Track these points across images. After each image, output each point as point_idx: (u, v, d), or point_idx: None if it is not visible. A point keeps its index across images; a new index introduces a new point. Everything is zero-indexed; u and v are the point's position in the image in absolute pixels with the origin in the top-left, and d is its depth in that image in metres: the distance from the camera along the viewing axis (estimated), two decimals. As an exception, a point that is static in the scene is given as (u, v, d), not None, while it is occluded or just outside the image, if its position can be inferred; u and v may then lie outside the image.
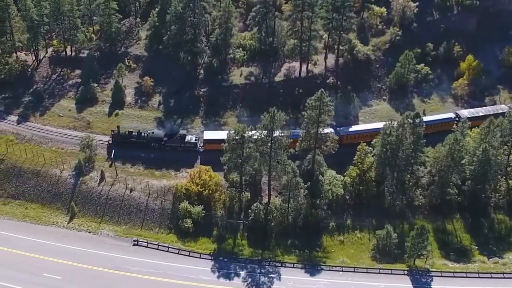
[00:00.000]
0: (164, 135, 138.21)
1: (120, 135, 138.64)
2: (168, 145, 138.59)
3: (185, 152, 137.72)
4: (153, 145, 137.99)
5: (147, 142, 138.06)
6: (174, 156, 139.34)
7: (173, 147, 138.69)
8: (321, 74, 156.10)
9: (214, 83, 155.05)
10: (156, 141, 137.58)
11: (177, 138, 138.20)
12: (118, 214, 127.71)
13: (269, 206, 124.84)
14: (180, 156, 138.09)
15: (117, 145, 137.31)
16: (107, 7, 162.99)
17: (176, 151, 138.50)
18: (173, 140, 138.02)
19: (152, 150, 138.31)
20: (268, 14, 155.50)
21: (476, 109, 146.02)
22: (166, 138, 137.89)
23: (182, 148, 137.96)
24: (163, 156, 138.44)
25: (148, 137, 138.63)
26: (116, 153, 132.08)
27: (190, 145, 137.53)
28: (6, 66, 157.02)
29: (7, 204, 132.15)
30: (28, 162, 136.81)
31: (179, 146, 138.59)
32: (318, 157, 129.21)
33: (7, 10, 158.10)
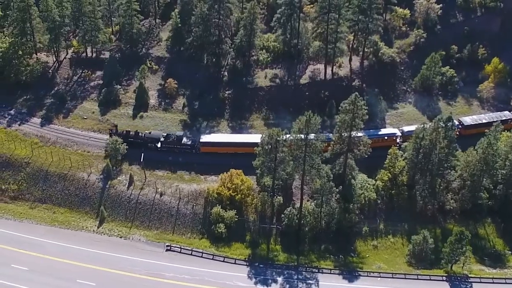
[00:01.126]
0: (161, 136, 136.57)
1: (118, 134, 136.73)
2: (165, 146, 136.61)
3: (182, 154, 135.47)
4: (150, 145, 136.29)
5: (144, 142, 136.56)
6: (170, 157, 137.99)
7: (170, 148, 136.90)
8: (346, 77, 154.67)
9: (239, 85, 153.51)
10: (153, 141, 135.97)
11: (173, 140, 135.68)
12: (148, 219, 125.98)
13: (302, 211, 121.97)
14: (176, 158, 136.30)
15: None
16: (129, 8, 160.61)
17: (173, 152, 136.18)
18: (169, 142, 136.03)
19: (149, 151, 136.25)
20: (293, 16, 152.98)
21: (479, 116, 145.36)
22: (163, 139, 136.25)
23: (179, 150, 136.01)
24: (191, 159, 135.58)
25: (145, 137, 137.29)
26: (145, 156, 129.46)
27: (187, 147, 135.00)
28: (28, 68, 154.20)
29: (34, 208, 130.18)
30: (54, 165, 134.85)
31: (176, 147, 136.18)
32: (349, 160, 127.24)
33: (29, 11, 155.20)
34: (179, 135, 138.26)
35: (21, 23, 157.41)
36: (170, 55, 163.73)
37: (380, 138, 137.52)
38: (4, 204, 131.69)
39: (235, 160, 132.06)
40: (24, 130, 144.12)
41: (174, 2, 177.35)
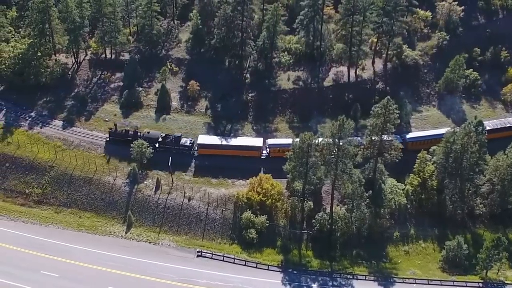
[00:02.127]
0: (159, 136, 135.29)
1: (117, 133, 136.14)
2: (163, 146, 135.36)
3: (179, 155, 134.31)
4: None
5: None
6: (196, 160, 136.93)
7: (167, 149, 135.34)
8: (370, 79, 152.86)
9: (262, 88, 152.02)
10: (150, 141, 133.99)
11: (171, 140, 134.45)
12: (177, 224, 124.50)
13: (333, 216, 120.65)
14: (174, 159, 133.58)
15: (113, 143, 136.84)
16: (149, 9, 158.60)
17: (170, 153, 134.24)
18: (167, 142, 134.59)
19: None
20: (316, 17, 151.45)
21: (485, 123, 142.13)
22: (161, 139, 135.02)
23: (176, 151, 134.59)
24: (220, 163, 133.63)
25: (143, 136, 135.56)
26: (173, 160, 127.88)
27: (184, 148, 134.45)
28: (48, 69, 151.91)
29: (59, 213, 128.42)
30: (78, 169, 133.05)
31: (173, 148, 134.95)
32: (379, 165, 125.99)
33: (48, 12, 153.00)
34: (177, 136, 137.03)
35: (40, 24, 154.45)
36: (190, 56, 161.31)
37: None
38: (28, 208, 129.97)
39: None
40: (46, 133, 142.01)
41: (191, 3, 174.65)
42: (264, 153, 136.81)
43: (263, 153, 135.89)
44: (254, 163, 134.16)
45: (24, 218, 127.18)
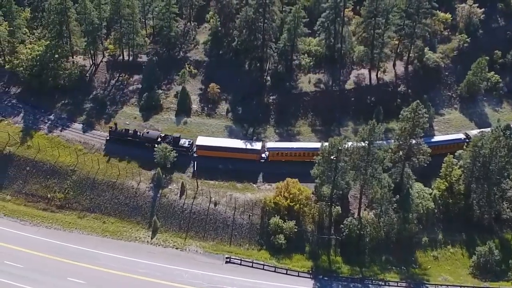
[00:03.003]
0: (158, 136, 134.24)
1: (117, 132, 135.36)
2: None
3: (179, 156, 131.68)
4: (147, 145, 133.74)
5: (141, 141, 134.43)
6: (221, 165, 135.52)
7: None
8: (391, 82, 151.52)
9: (283, 91, 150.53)
10: (149, 141, 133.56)
11: (170, 141, 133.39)
12: (204, 229, 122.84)
13: (362, 221, 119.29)
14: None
15: (113, 142, 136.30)
16: (168, 10, 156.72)
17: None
18: (166, 142, 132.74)
19: (146, 150, 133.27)
20: (337, 19, 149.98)
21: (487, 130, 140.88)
22: (160, 139, 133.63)
23: (175, 151, 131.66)
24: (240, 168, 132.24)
25: (142, 136, 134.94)
26: (198, 164, 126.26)
27: (183, 149, 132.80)
28: (66, 72, 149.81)
29: (82, 218, 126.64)
30: (101, 173, 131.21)
31: (172, 148, 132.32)
32: (406, 169, 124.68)
33: (66, 13, 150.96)
34: (176, 137, 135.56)
35: (57, 25, 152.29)
36: (208, 58, 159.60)
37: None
38: (51, 213, 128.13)
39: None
40: (66, 136, 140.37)
41: (207, 4, 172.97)
42: (263, 157, 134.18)
43: (262, 156, 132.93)
44: (253, 166, 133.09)
45: (47, 223, 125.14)
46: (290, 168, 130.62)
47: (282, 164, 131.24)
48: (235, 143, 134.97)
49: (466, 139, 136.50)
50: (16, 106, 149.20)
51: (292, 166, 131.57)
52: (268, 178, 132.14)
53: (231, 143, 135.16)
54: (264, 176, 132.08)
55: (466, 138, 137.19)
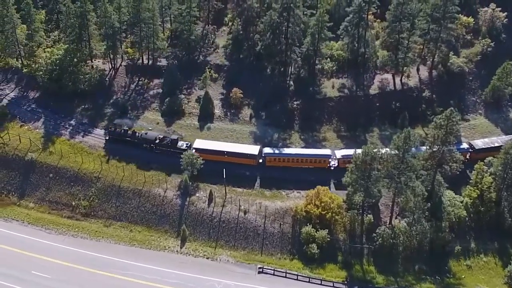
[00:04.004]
0: (155, 138, 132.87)
1: (116, 133, 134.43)
2: (159, 149, 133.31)
3: (176, 158, 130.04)
4: (145, 146, 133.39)
5: (139, 142, 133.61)
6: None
7: (164, 151, 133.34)
8: (416, 87, 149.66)
9: (307, 96, 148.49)
10: (147, 142, 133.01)
11: (167, 143, 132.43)
12: (234, 238, 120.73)
13: (395, 230, 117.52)
14: (171, 162, 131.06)
15: (112, 142, 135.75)
16: (189, 14, 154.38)
17: (166, 155, 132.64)
18: (163, 144, 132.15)
19: (143, 151, 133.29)
20: (361, 24, 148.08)
21: (491, 139, 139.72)
22: (158, 141, 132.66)
23: (172, 154, 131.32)
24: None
25: (140, 137, 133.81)
26: (226, 172, 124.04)
27: (180, 151, 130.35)
28: (86, 76, 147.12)
29: (109, 226, 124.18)
30: (126, 180, 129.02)
31: (169, 151, 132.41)
32: (438, 177, 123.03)
33: (86, 17, 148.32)
34: (174, 139, 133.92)
35: (77, 29, 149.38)
36: (229, 62, 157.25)
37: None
38: (76, 221, 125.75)
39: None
40: (89, 142, 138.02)
41: (225, 7, 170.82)
42: (261, 162, 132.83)
43: (259, 161, 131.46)
44: (251, 171, 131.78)
45: (73, 232, 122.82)
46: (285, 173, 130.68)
47: (280, 170, 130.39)
48: (233, 147, 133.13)
49: (470, 149, 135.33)
50: (35, 111, 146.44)
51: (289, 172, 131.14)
52: (265, 184, 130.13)
53: (229, 147, 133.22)
54: (261, 181, 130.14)
55: (470, 148, 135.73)
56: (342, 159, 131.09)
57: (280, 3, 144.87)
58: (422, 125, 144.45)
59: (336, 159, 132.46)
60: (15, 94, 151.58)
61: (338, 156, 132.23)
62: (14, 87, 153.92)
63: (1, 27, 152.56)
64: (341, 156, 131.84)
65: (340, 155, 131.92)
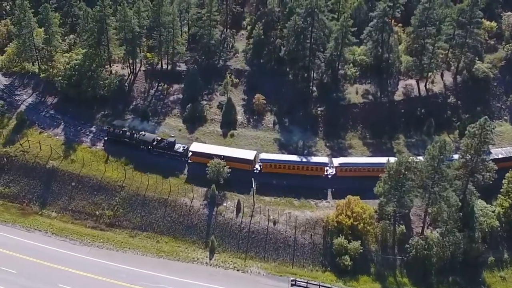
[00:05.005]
0: (153, 140, 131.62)
1: (114, 133, 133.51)
2: (156, 150, 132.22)
3: (172, 160, 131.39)
4: (142, 147, 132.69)
5: (136, 143, 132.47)
6: (274, 180, 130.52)
7: (161, 153, 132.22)
8: (441, 93, 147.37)
9: (330, 102, 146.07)
10: (145, 144, 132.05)
11: (165, 145, 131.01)
12: (264, 249, 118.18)
13: (428, 241, 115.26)
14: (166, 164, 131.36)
15: (111, 143, 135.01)
16: (209, 18, 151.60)
17: (163, 157, 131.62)
18: (160, 146, 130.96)
19: (141, 152, 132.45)
20: (385, 28, 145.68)
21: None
22: (155, 143, 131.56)
23: (169, 156, 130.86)
24: (299, 182, 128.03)
25: (138, 139, 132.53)
26: (256, 180, 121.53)
27: (177, 154, 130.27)
28: (106, 81, 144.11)
29: (134, 237, 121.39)
30: (151, 189, 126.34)
31: (166, 153, 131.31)
32: (470, 186, 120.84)
33: (105, 21, 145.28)
34: (171, 141, 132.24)
35: (96, 33, 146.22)
36: (250, 67, 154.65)
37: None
38: (100, 231, 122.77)
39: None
40: (111, 150, 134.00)
41: (243, 11, 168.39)
42: (257, 167, 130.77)
43: (255, 167, 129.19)
44: (247, 176, 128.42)
45: (98, 243, 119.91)
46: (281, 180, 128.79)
47: (276, 176, 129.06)
48: (229, 152, 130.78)
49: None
50: (54, 117, 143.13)
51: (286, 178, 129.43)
52: (261, 190, 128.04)
53: (225, 151, 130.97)
54: (257, 187, 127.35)
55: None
56: (340, 167, 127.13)
57: (304, 8, 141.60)
58: (447, 132, 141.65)
59: (334, 167, 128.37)
60: (32, 100, 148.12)
61: (335, 164, 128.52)
62: (32, 93, 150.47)
63: (18, 31, 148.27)
64: (339, 164, 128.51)
65: (337, 163, 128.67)
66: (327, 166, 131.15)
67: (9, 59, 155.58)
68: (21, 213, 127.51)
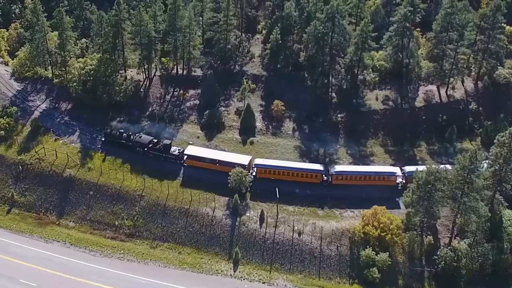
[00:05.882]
0: (149, 142, 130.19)
1: (111, 135, 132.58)
2: (152, 153, 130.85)
3: (167, 163, 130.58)
4: (138, 149, 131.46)
5: (133, 145, 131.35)
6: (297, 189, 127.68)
7: (156, 156, 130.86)
8: (462, 99, 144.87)
9: (350, 108, 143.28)
10: (140, 146, 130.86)
11: (160, 147, 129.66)
12: (289, 261, 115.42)
13: (457, 252, 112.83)
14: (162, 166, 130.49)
15: (108, 144, 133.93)
16: (226, 23, 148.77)
17: (159, 160, 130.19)
18: (156, 148, 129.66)
19: (138, 154, 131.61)
20: (406, 33, 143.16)
21: None
22: (151, 145, 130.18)
23: (164, 158, 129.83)
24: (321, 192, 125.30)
25: (134, 140, 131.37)
26: (278, 191, 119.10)
27: (172, 157, 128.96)
28: (122, 87, 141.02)
29: (155, 248, 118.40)
30: (171, 199, 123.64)
31: (162, 155, 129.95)
32: (498, 196, 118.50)
33: (121, 26, 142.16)
34: (167, 144, 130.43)
35: (111, 38, 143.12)
36: (267, 73, 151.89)
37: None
38: (120, 242, 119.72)
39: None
40: (129, 158, 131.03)
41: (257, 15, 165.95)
42: (252, 172, 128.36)
43: (250, 172, 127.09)
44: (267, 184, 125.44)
45: (119, 254, 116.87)
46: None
47: (271, 182, 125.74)
48: (223, 156, 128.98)
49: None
50: (69, 124, 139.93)
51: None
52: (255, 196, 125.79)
53: (219, 155, 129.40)
54: (251, 193, 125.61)
55: None
56: (336, 175, 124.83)
57: (324, 13, 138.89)
58: (469, 139, 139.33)
59: (330, 175, 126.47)
60: (46, 106, 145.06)
61: (331, 172, 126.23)
62: (45, 98, 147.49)
63: (31, 36, 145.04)
64: (335, 172, 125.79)
65: (334, 171, 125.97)
66: (323, 173, 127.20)
67: (21, 63, 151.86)
68: (37, 222, 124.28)
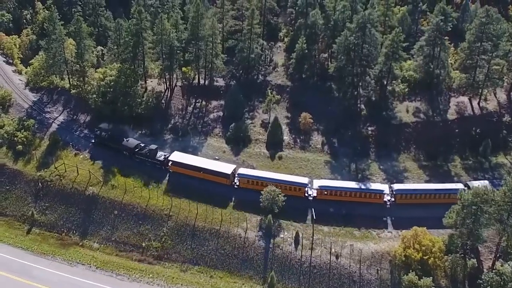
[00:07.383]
0: (135, 146, 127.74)
1: (101, 137, 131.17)
2: (138, 157, 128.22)
3: (153, 168, 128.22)
4: (125, 153, 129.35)
5: (120, 148, 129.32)
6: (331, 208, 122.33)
7: (142, 160, 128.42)
8: (495, 111, 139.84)
9: (380, 120, 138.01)
10: (127, 149, 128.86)
11: (146, 152, 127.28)
12: (327, 286, 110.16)
13: (503, 276, 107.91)
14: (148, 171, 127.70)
15: (97, 145, 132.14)
16: (250, 31, 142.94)
17: (144, 164, 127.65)
18: (142, 153, 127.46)
19: (124, 157, 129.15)
20: (439, 43, 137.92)
21: None
22: (137, 150, 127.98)
23: (150, 163, 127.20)
24: (354, 210, 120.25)
25: (122, 144, 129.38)
26: (316, 210, 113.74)
27: (157, 162, 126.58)
28: (143, 99, 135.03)
29: (186, 271, 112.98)
30: (201, 219, 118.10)
31: (148, 160, 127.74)
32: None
33: (142, 35, 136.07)
34: (153, 149, 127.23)
35: (131, 47, 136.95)
36: (292, 83, 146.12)
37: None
38: (148, 265, 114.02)
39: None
40: (153, 174, 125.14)
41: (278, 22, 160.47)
42: (236, 182, 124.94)
43: (233, 181, 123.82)
44: (225, 191, 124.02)
45: (148, 278, 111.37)
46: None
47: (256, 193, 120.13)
48: (207, 164, 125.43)
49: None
50: (89, 137, 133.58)
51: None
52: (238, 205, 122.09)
53: (203, 163, 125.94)
54: (234, 203, 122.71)
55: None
56: (320, 189, 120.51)
57: (355, 22, 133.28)
58: (504, 153, 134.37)
59: (314, 189, 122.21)
60: (64, 118, 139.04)
61: (315, 186, 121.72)
62: (62, 110, 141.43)
63: (47, 44, 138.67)
64: (319, 186, 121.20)
65: (318, 185, 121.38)
66: (307, 187, 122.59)
67: (36, 73, 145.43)
68: (60, 243, 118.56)
